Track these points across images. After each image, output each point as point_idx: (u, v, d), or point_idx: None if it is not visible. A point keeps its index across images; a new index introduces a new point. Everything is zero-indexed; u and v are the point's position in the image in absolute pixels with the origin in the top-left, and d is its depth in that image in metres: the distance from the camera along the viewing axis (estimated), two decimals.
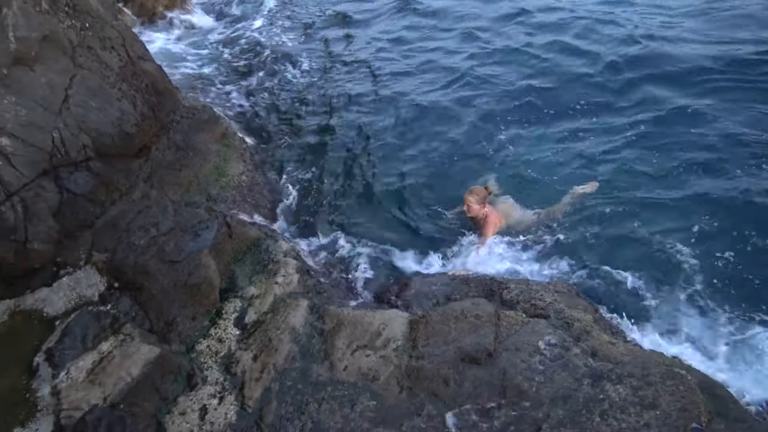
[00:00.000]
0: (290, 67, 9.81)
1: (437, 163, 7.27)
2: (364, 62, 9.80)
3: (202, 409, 3.98)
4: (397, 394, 3.92)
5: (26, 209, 4.71)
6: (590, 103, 7.94)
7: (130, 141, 5.74)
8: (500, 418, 3.64)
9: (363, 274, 5.62)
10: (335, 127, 8.13)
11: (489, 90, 8.54)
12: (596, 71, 8.55)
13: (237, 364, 4.27)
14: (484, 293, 4.93)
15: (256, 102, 8.71)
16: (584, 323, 4.30)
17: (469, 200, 5.92)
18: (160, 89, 6.39)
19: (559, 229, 5.99)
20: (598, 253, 5.67)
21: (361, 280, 5.54)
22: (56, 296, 4.69)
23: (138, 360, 4.17)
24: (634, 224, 5.92)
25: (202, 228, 5.12)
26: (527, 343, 4.05)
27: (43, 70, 5.22)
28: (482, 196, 5.91)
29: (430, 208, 6.63)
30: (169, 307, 4.61)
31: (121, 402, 3.95)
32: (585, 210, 6.18)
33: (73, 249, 5.00)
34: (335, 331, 4.43)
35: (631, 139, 7.10)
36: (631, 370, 3.73)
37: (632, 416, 3.45)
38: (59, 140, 5.08)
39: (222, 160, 6.50)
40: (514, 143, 7.37)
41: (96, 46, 5.81)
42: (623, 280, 5.35)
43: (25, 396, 4.03)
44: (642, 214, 6.01)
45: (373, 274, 5.64)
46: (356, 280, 5.57)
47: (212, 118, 6.86)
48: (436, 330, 4.28)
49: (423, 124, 7.98)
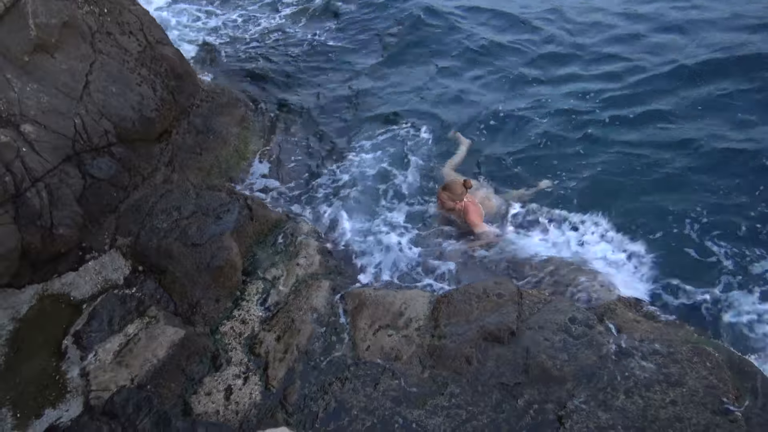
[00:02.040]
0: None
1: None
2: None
3: (227, 390, 4.03)
4: (420, 373, 3.92)
5: (51, 195, 4.77)
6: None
7: (151, 125, 5.77)
8: (524, 396, 3.62)
9: (382, 255, 5.59)
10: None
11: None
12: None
13: (261, 345, 4.31)
14: (507, 271, 4.90)
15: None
16: (608, 301, 4.25)
17: (441, 197, 5.62)
18: (179, 73, 6.41)
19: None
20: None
21: (382, 261, 5.52)
22: (82, 280, 4.77)
23: (163, 342, 4.23)
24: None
25: (224, 211, 5.14)
26: (550, 321, 4.02)
27: (64, 56, 5.25)
28: (458, 192, 5.48)
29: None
30: (193, 290, 4.66)
31: (148, 383, 4.01)
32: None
33: (97, 233, 5.07)
34: (357, 312, 4.44)
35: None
36: (657, 348, 3.68)
37: (658, 394, 3.41)
38: (81, 126, 5.12)
39: (242, 142, 6.53)
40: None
41: (115, 31, 5.83)
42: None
43: (55, 378, 4.11)
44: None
45: (392, 255, 5.60)
46: (376, 260, 5.55)
47: (231, 101, 6.87)
48: (458, 309, 4.26)
49: (439, 111, 7.86)
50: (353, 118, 7.79)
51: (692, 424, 3.22)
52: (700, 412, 3.26)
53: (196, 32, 10.13)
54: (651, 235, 5.43)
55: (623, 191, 6.02)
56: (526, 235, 5.56)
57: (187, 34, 10.04)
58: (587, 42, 9.04)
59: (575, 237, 5.47)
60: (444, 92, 8.21)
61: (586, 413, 3.41)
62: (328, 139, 7.39)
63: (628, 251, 5.25)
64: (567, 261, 5.03)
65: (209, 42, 9.66)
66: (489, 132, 7.29)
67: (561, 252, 5.29)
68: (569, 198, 6.03)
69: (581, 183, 6.21)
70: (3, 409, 3.91)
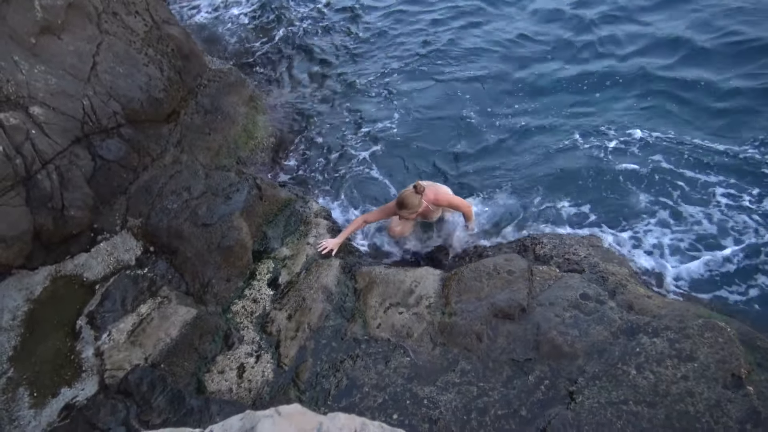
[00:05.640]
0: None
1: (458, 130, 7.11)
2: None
3: (239, 368, 4.07)
4: (431, 350, 3.94)
5: (61, 177, 4.79)
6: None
7: (159, 106, 5.75)
8: (534, 372, 3.63)
9: None
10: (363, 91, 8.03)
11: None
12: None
13: (272, 324, 4.33)
14: (517, 248, 4.89)
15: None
16: (619, 277, 4.23)
17: (404, 216, 4.98)
18: (185, 53, 6.37)
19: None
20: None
21: (392, 239, 5.52)
22: (95, 261, 4.81)
23: (176, 321, 4.27)
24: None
25: (233, 191, 5.15)
26: (561, 297, 4.01)
27: (70, 38, 5.23)
28: (416, 202, 4.81)
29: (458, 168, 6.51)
30: (204, 270, 4.69)
31: (161, 362, 4.06)
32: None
33: (108, 215, 5.10)
34: (368, 290, 4.46)
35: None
36: (668, 323, 3.67)
37: (669, 369, 3.41)
38: (90, 108, 5.12)
39: (250, 122, 6.50)
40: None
41: (121, 11, 5.79)
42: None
43: (70, 357, 4.17)
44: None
45: None
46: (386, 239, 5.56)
47: (239, 81, 6.84)
48: (469, 286, 4.26)
49: (451, 103, 7.76)
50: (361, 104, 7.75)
51: (704, 398, 3.21)
52: (712, 387, 3.26)
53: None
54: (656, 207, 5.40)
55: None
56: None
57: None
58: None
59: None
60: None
61: (598, 389, 3.42)
62: (340, 121, 7.35)
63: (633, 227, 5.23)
64: (577, 237, 5.00)
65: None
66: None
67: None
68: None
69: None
70: (20, 388, 3.97)
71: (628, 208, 5.46)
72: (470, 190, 6.01)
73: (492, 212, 5.66)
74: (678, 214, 5.30)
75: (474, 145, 6.72)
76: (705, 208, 5.30)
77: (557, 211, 5.54)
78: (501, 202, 5.77)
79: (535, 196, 5.76)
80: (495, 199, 5.81)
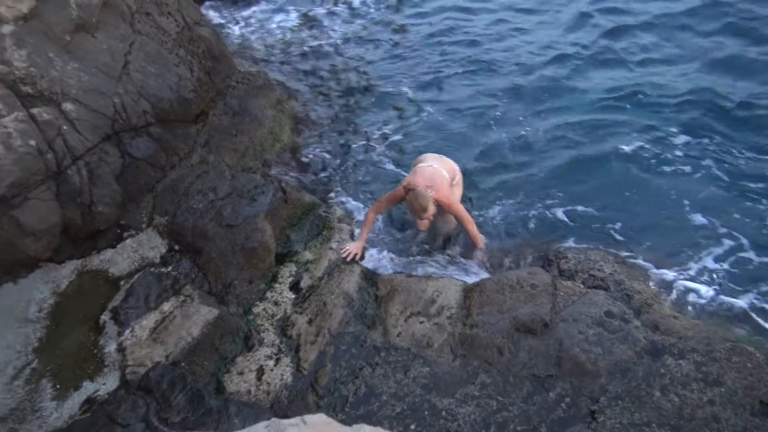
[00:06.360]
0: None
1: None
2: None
3: (259, 370, 4.08)
4: (451, 361, 3.92)
5: (91, 173, 4.85)
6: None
7: (188, 106, 5.81)
8: (556, 389, 3.59)
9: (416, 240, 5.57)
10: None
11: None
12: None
13: (292, 327, 4.34)
14: (541, 262, 4.85)
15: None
16: (645, 295, 4.18)
17: (430, 212, 4.70)
18: (215, 54, 6.44)
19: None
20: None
21: (413, 246, 5.50)
22: (120, 257, 4.86)
23: (198, 320, 4.30)
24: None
25: (258, 193, 5.18)
26: (585, 314, 3.97)
27: (104, 36, 5.31)
28: (425, 202, 4.60)
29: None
30: (227, 270, 4.71)
31: (182, 360, 4.08)
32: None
33: (135, 212, 5.16)
34: (389, 298, 4.45)
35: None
36: (695, 345, 3.61)
37: (695, 392, 3.35)
38: (120, 106, 5.19)
39: (277, 125, 6.54)
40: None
41: (154, 11, 5.87)
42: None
43: (93, 352, 4.21)
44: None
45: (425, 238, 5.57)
46: (408, 245, 5.53)
47: (267, 84, 6.89)
48: (491, 298, 4.24)
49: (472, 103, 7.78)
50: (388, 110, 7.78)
51: (730, 425, 3.16)
52: (739, 414, 3.20)
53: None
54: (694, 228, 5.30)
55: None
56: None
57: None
58: None
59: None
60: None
61: (620, 409, 3.37)
62: (363, 128, 7.37)
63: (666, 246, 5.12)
64: (603, 252, 4.94)
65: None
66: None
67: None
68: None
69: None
70: (44, 379, 4.02)
71: (660, 225, 5.34)
72: (496, 199, 5.95)
73: (515, 223, 5.61)
74: (717, 238, 5.12)
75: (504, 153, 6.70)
76: (752, 235, 5.12)
77: (583, 224, 5.46)
78: (525, 213, 5.71)
79: (559, 208, 5.70)
80: (520, 210, 5.76)
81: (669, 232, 5.24)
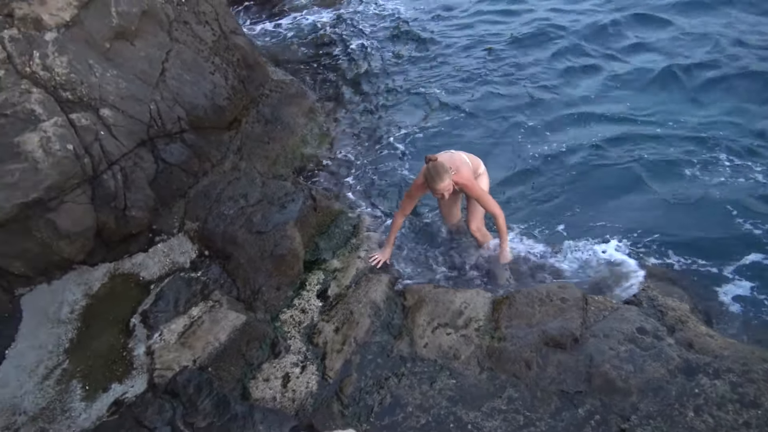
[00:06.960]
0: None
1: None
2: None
3: (284, 377, 4.07)
4: (478, 374, 3.86)
5: (125, 178, 4.95)
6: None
7: (222, 114, 5.89)
8: (585, 405, 3.50)
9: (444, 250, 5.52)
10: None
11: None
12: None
13: (319, 335, 4.34)
14: None
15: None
16: (679, 312, 4.05)
17: (447, 185, 4.45)
18: (250, 63, 6.52)
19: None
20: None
21: (441, 256, 5.45)
22: (151, 261, 4.93)
23: (226, 326, 4.32)
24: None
25: (288, 200, 5.20)
26: (617, 330, 3.87)
27: (142, 44, 5.43)
28: (444, 174, 4.41)
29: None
30: (256, 277, 4.74)
31: (209, 365, 4.10)
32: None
33: (167, 217, 5.23)
34: (416, 308, 4.41)
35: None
36: (731, 365, 3.48)
37: (730, 414, 3.23)
38: (156, 112, 5.28)
39: (309, 133, 6.59)
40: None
41: (191, 20, 5.98)
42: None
43: (122, 354, 4.27)
44: None
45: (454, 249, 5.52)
46: (436, 256, 5.49)
47: (299, 92, 6.95)
48: (520, 312, 4.16)
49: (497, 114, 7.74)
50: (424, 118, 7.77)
51: None
52: None
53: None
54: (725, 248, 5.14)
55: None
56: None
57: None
58: None
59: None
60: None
61: (652, 428, 3.27)
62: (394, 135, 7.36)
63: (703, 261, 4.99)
64: (633, 267, 4.83)
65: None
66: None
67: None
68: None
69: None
70: (74, 380, 4.08)
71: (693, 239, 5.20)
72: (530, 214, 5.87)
73: (546, 234, 5.52)
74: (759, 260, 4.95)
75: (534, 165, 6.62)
76: None
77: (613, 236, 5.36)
78: (556, 223, 5.62)
79: (591, 219, 5.60)
80: (550, 220, 5.67)
81: (704, 249, 5.11)
